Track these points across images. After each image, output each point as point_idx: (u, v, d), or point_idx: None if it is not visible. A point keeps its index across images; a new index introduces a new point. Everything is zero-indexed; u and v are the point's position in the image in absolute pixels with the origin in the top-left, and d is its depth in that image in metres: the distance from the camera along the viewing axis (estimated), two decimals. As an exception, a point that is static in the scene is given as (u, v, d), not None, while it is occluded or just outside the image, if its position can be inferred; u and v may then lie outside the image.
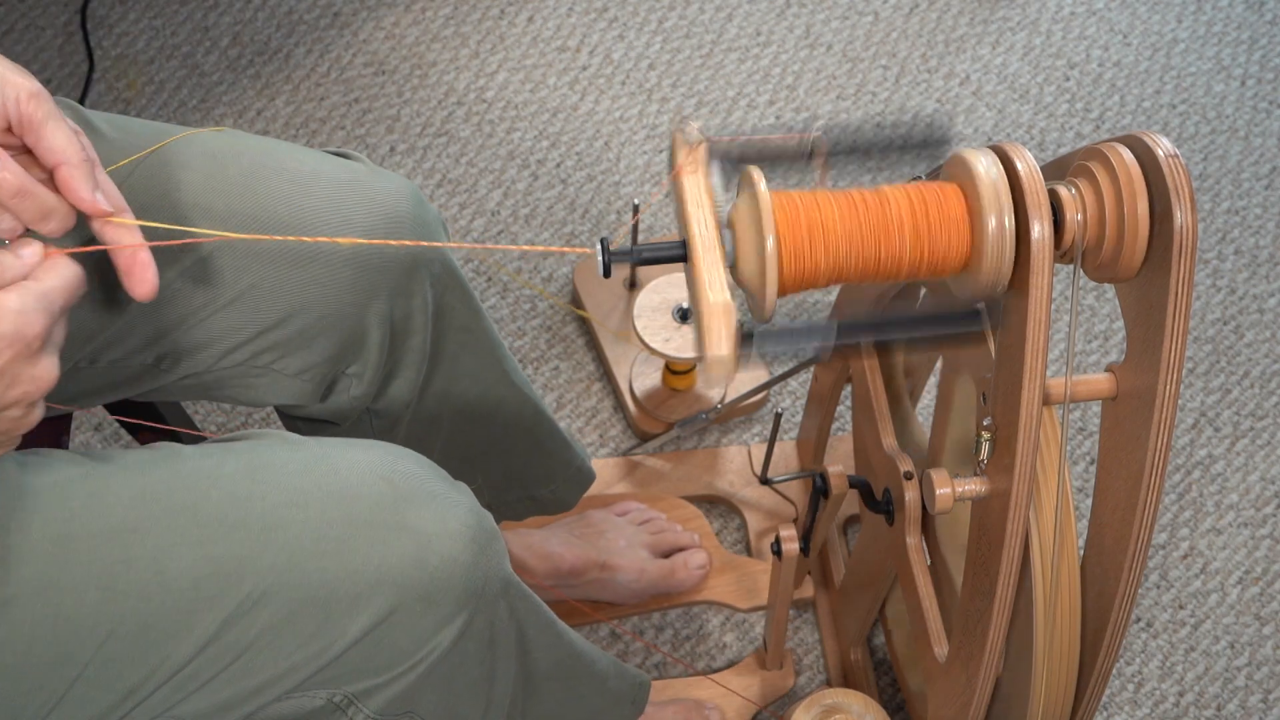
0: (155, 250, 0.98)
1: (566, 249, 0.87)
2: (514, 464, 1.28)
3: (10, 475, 0.84)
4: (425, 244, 1.04)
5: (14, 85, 0.77)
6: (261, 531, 0.85)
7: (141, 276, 0.81)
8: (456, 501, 0.90)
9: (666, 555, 1.51)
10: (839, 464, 1.24)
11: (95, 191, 0.79)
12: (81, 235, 0.83)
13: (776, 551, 1.28)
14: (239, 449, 0.89)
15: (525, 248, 0.86)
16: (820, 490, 1.24)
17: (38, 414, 0.77)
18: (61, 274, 0.77)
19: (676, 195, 0.86)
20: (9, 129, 0.78)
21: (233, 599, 0.84)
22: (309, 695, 0.88)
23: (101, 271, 0.95)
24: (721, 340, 0.82)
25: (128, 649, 0.83)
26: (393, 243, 1.01)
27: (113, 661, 0.83)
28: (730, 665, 1.51)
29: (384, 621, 0.86)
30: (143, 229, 0.83)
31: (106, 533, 0.83)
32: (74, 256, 0.78)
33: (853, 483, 1.23)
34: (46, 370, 0.75)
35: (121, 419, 1.31)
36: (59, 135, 0.78)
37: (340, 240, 0.97)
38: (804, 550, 1.32)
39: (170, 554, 0.83)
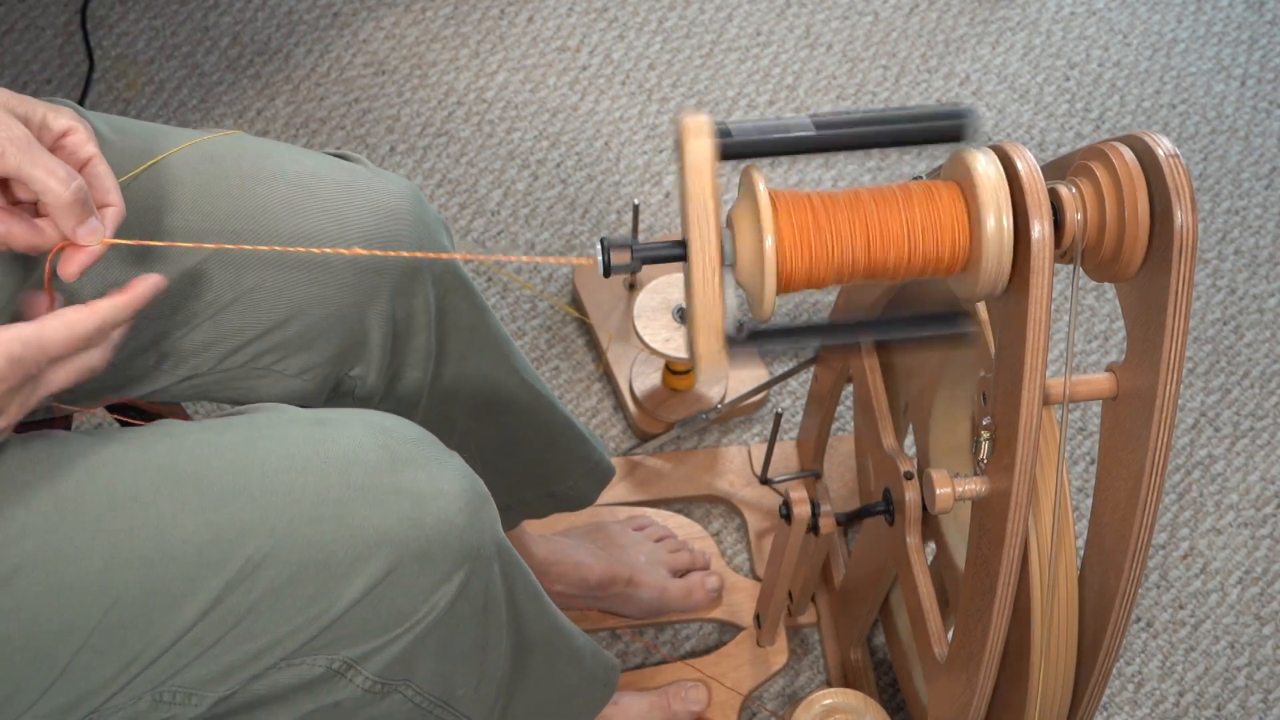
0: (158, 253, 0.98)
1: (568, 260, 0.87)
2: (530, 461, 1.29)
3: (13, 451, 0.85)
4: (427, 255, 1.04)
5: None
6: (261, 497, 0.86)
7: (76, 258, 0.84)
8: (450, 465, 0.91)
9: (681, 574, 1.52)
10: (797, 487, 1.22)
11: (79, 226, 0.83)
12: None
13: (785, 515, 1.24)
14: (238, 421, 0.91)
15: (526, 258, 0.87)
16: (811, 528, 1.22)
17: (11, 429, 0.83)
18: (72, 324, 0.82)
19: (682, 187, 0.86)
20: None
21: (234, 564, 0.85)
22: (308, 662, 0.89)
23: (101, 273, 0.95)
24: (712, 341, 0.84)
25: (131, 617, 0.84)
26: (392, 254, 1.02)
27: (117, 629, 0.84)
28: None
29: (382, 582, 0.87)
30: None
31: (109, 503, 0.84)
32: None
33: (839, 519, 1.21)
34: (28, 397, 0.81)
35: (122, 420, 1.31)
36: (35, 181, 0.81)
37: (338, 251, 0.97)
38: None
39: (172, 522, 0.84)
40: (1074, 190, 0.89)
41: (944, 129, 0.89)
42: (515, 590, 1.00)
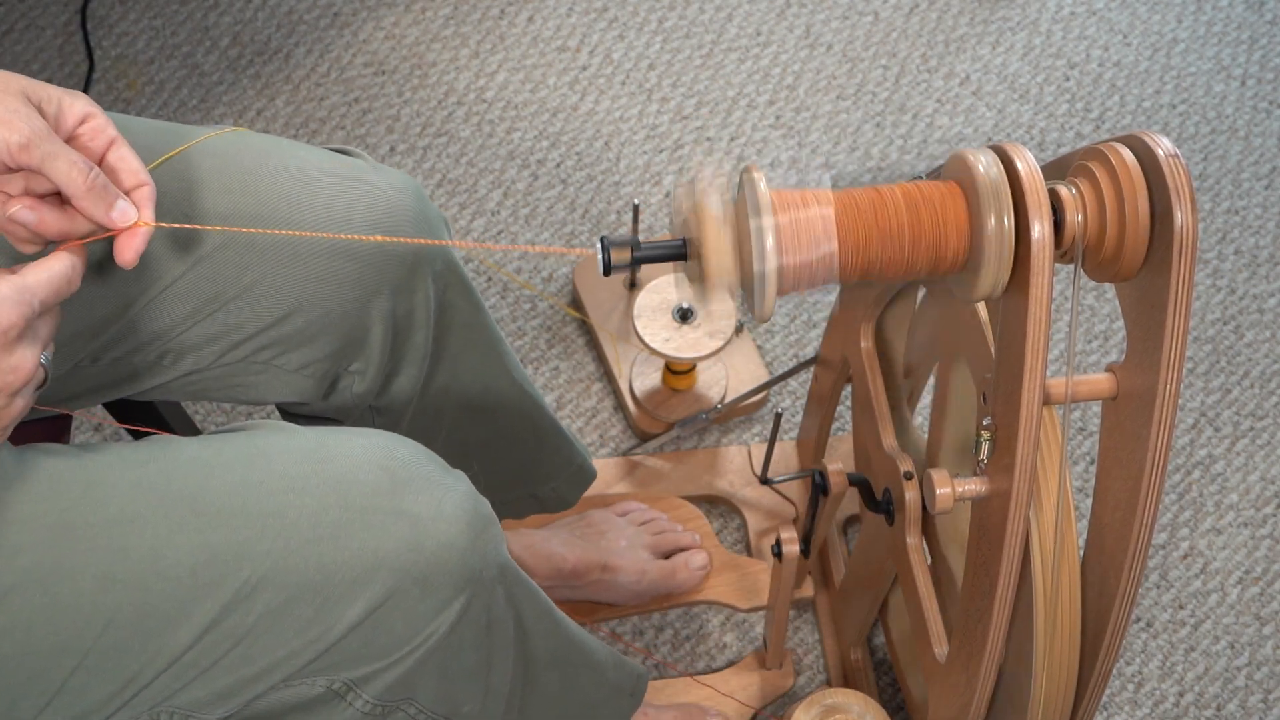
0: (157, 252, 0.98)
1: (568, 250, 0.87)
2: (515, 461, 1.28)
3: (7, 466, 0.84)
4: (429, 241, 1.04)
5: (1, 140, 0.79)
6: (259, 518, 0.85)
7: (129, 244, 0.83)
8: (452, 487, 0.90)
9: (667, 556, 1.51)
10: (838, 462, 1.24)
11: (109, 211, 0.82)
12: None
13: (777, 553, 1.28)
14: (236, 439, 0.90)
15: (526, 248, 0.87)
16: (820, 488, 1.24)
17: (19, 405, 0.79)
18: (49, 269, 0.80)
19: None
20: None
21: (230, 586, 0.84)
22: (308, 683, 0.88)
23: (104, 271, 0.95)
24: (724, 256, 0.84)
25: (126, 637, 0.84)
26: (395, 239, 1.02)
27: (112, 650, 0.84)
28: (730, 665, 1.51)
29: (381, 606, 0.87)
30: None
31: (104, 522, 0.84)
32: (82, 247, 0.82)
33: (852, 480, 1.23)
34: (22, 360, 0.77)
35: (123, 423, 1.31)
36: (58, 173, 0.81)
37: (344, 236, 0.97)
38: (804, 551, 1.32)
39: (168, 542, 0.84)
40: (1074, 190, 0.89)
41: None
42: (522, 611, 0.99)
